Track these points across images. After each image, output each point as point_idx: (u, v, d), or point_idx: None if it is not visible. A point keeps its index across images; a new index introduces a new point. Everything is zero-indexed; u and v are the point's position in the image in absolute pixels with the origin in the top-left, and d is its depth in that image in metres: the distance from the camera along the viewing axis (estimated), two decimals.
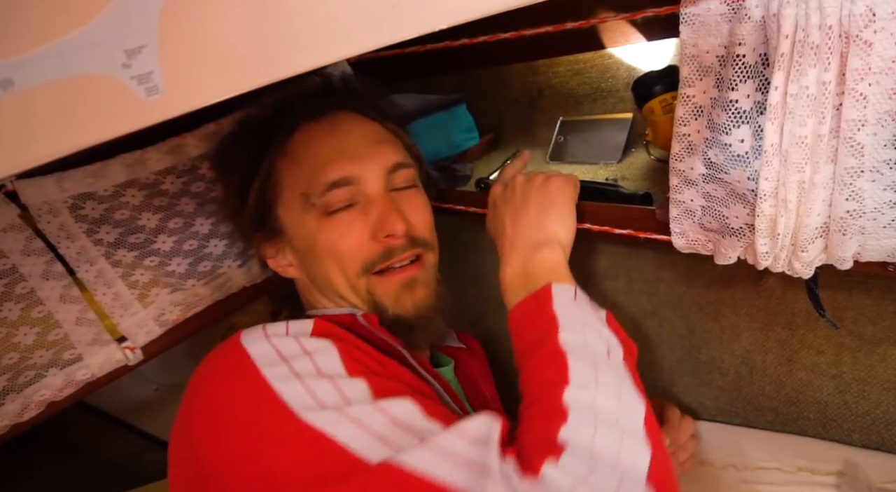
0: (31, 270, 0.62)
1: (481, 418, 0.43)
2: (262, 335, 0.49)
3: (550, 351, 0.46)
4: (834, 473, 0.69)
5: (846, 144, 0.42)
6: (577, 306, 0.51)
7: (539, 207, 0.58)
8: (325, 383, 0.45)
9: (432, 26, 0.34)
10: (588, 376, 0.44)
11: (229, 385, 0.46)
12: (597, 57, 0.80)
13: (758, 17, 0.40)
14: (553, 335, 0.47)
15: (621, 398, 0.43)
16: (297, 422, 0.42)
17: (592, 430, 0.40)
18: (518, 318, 0.53)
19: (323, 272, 0.61)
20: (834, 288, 0.63)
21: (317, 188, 0.59)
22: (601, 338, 0.49)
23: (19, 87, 0.24)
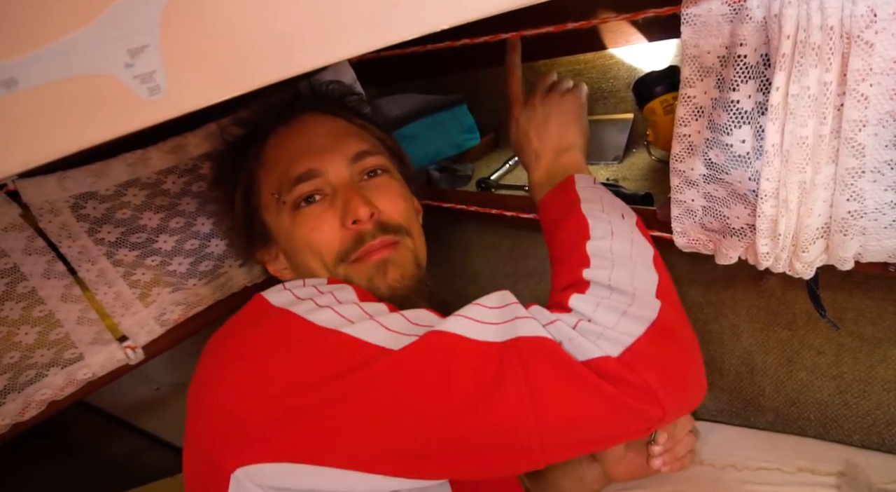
0: (33, 269, 0.62)
1: (493, 293, 0.49)
2: (280, 288, 0.52)
3: (574, 220, 0.54)
4: (834, 473, 0.69)
5: (847, 145, 0.42)
6: (596, 187, 0.59)
7: (559, 120, 0.64)
8: (350, 306, 0.48)
9: (434, 27, 0.34)
10: (605, 229, 0.52)
11: (259, 328, 0.48)
12: (598, 57, 0.80)
13: (759, 18, 0.40)
14: (577, 207, 0.55)
15: (633, 242, 0.52)
16: (336, 334, 0.45)
17: (610, 267, 0.48)
18: (545, 205, 0.61)
19: (306, 266, 0.62)
20: (834, 289, 0.63)
21: (285, 185, 0.61)
22: (615, 205, 0.56)
23: (22, 86, 0.24)
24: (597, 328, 0.44)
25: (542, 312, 0.46)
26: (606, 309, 0.45)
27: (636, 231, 0.54)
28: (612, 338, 0.43)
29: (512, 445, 0.41)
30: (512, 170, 0.88)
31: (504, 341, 0.43)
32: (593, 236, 0.52)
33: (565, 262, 0.52)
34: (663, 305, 0.46)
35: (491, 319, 0.45)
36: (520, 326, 0.44)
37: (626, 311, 0.45)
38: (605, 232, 0.52)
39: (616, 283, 0.47)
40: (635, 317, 0.45)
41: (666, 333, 0.45)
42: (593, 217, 0.54)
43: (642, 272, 0.49)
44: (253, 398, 0.44)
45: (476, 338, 0.43)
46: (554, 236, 0.57)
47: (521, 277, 0.96)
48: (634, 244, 0.52)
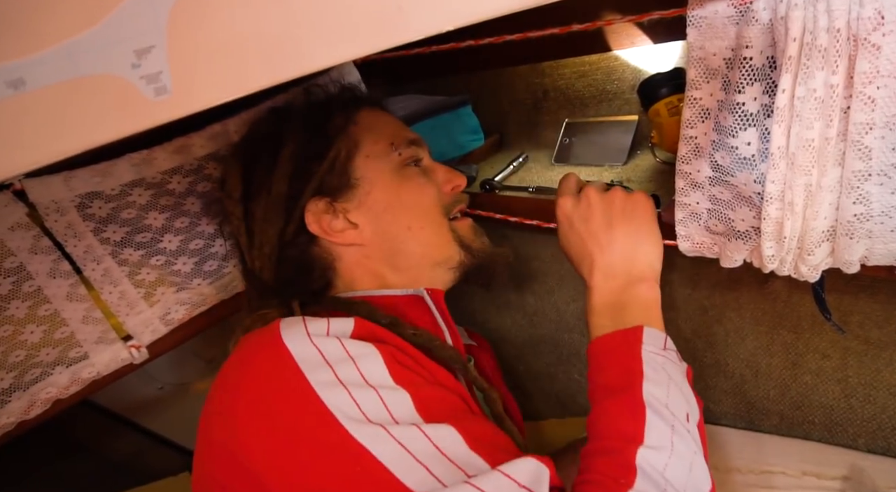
0: (39, 268, 0.62)
1: (529, 462, 0.42)
2: (303, 333, 0.48)
3: (632, 400, 0.46)
4: (839, 477, 0.68)
5: (854, 148, 0.41)
6: (666, 357, 0.50)
7: (627, 231, 0.56)
8: (371, 394, 0.45)
9: (438, 28, 0.34)
10: (664, 438, 0.44)
11: (273, 385, 0.46)
12: (603, 59, 0.80)
13: (765, 20, 0.40)
14: (637, 384, 0.47)
15: (692, 471, 0.43)
16: (342, 433, 0.42)
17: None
18: (602, 350, 0.52)
19: (407, 220, 0.62)
20: (840, 292, 0.63)
21: (400, 142, 0.65)
22: (683, 398, 0.48)
23: (30, 87, 0.24)
24: None
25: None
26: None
27: (699, 444, 0.46)
28: None
29: None
30: (516, 171, 0.88)
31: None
32: (648, 443, 0.43)
33: (607, 457, 0.44)
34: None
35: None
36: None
37: None
38: (663, 442, 0.44)
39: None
40: None
41: None
42: (654, 412, 0.45)
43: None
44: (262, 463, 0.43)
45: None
46: (601, 403, 0.49)
47: (526, 278, 0.96)
48: (692, 473, 0.44)
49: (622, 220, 0.56)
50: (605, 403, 0.48)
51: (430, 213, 0.64)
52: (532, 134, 0.94)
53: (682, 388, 0.49)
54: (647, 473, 0.41)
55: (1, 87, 0.24)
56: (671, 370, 0.49)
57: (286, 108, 0.68)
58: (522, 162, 0.89)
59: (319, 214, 0.61)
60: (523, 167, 0.89)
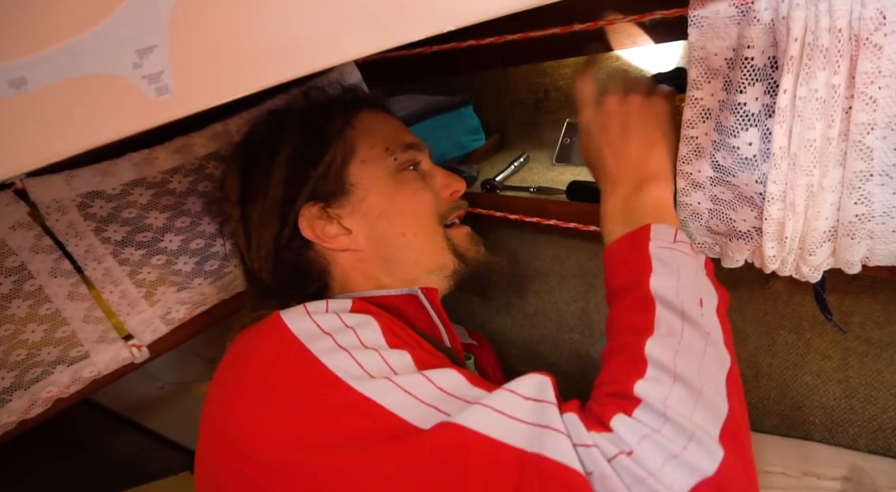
0: (40, 267, 0.62)
1: (531, 377, 0.43)
2: (302, 312, 0.50)
3: (639, 296, 0.46)
4: (840, 478, 0.68)
5: (855, 148, 0.41)
6: (676, 249, 0.49)
7: (642, 135, 0.54)
8: (371, 354, 0.46)
9: (440, 28, 0.34)
10: (674, 326, 0.43)
11: (275, 360, 0.46)
12: (604, 59, 0.80)
13: (767, 20, 0.40)
14: (645, 279, 0.46)
15: (705, 354, 0.42)
16: (349, 390, 0.42)
17: (668, 387, 0.40)
18: (612, 255, 0.52)
19: (402, 226, 0.62)
20: (841, 292, 0.63)
21: (396, 146, 0.64)
22: (695, 286, 0.47)
23: (32, 86, 0.25)
24: (636, 470, 0.36)
25: (577, 427, 0.39)
26: (653, 446, 0.37)
27: (714, 327, 0.45)
28: (652, 489, 0.35)
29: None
30: (517, 171, 0.88)
31: (528, 452, 0.37)
32: (657, 334, 0.43)
33: (617, 354, 0.44)
34: (727, 455, 0.37)
35: (521, 416, 0.40)
36: (547, 443, 0.38)
37: (678, 454, 0.36)
38: (672, 329, 0.43)
39: (673, 411, 0.38)
40: (687, 465, 0.36)
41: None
42: (663, 303, 0.45)
43: (709, 399, 0.40)
44: (265, 438, 0.43)
45: (499, 438, 0.38)
46: (613, 306, 0.49)
47: (526, 278, 0.96)
48: (706, 356, 0.42)
49: (637, 125, 0.54)
50: (617, 305, 0.49)
51: (424, 220, 0.63)
52: (533, 134, 0.94)
53: (695, 275, 0.48)
54: (656, 362, 0.41)
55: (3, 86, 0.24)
56: (682, 261, 0.48)
57: (284, 111, 0.67)
58: (523, 162, 0.89)
59: (313, 220, 0.61)
60: (524, 167, 0.89)
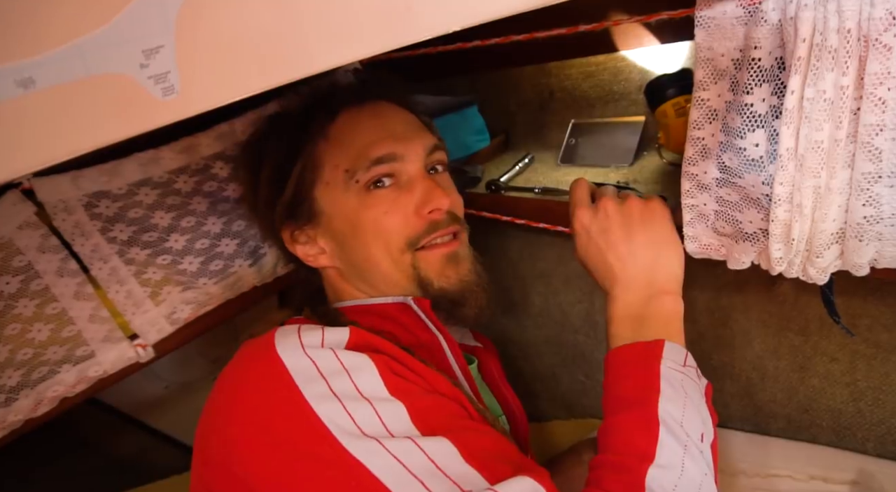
0: (46, 267, 0.63)
1: (525, 482, 0.42)
2: (297, 345, 0.48)
3: (646, 416, 0.46)
4: (847, 482, 0.68)
5: (863, 149, 0.41)
6: (685, 375, 0.49)
7: (647, 240, 0.54)
8: (365, 407, 0.45)
9: (446, 28, 0.34)
10: (676, 458, 0.44)
11: (268, 400, 0.46)
12: (609, 59, 0.80)
13: (774, 21, 0.40)
14: (653, 400, 0.46)
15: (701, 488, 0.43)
16: (337, 447, 0.42)
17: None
18: (619, 362, 0.52)
19: (365, 252, 0.60)
20: (849, 294, 0.63)
21: (362, 164, 0.60)
22: (699, 417, 0.47)
23: (40, 86, 0.25)
24: None
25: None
26: None
27: (710, 467, 0.46)
28: None
29: None
30: (522, 172, 0.88)
31: None
32: (658, 462, 0.43)
33: (616, 474, 0.44)
34: None
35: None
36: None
37: None
38: (674, 461, 0.44)
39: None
40: None
41: None
42: (668, 431, 0.45)
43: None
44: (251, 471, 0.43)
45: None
46: (615, 417, 0.48)
47: (531, 280, 0.96)
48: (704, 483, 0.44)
49: (641, 229, 0.54)
50: (619, 416, 0.48)
51: (388, 243, 0.60)
52: (538, 134, 0.94)
53: (699, 407, 0.48)
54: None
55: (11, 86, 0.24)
56: (689, 388, 0.48)
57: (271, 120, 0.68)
58: (528, 163, 0.89)
59: (293, 240, 0.64)
60: (529, 168, 0.89)
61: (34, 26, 0.25)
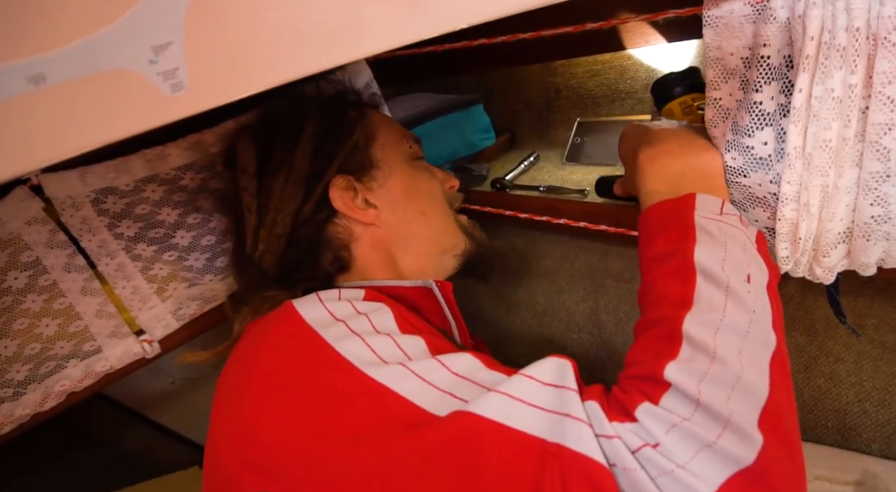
0: (54, 262, 0.63)
1: (550, 361, 0.41)
2: (314, 300, 0.50)
3: (680, 265, 0.42)
4: (852, 483, 0.67)
5: (872, 148, 0.41)
6: (723, 221, 0.45)
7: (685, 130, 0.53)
8: (384, 339, 0.45)
9: (453, 26, 0.34)
10: (716, 302, 0.39)
11: (287, 348, 0.46)
12: (616, 58, 0.80)
13: (783, 19, 0.40)
14: (688, 248, 0.43)
15: (748, 334, 0.38)
16: (362, 377, 0.42)
17: (703, 369, 0.36)
18: (651, 219, 0.48)
19: (421, 206, 0.65)
20: (855, 294, 0.62)
21: (408, 139, 0.69)
22: (743, 259, 0.43)
23: (50, 82, 0.25)
24: (663, 462, 0.33)
25: (599, 416, 0.36)
26: (683, 435, 0.34)
27: (763, 305, 0.41)
28: (681, 481, 0.32)
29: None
30: (527, 170, 0.88)
31: (548, 442, 0.35)
32: (696, 308, 0.39)
33: (652, 327, 0.41)
34: (767, 442, 0.33)
35: (540, 403, 0.37)
36: (569, 431, 0.35)
37: (712, 444, 0.33)
38: (714, 305, 0.39)
39: (706, 396, 0.35)
40: (721, 454, 0.32)
41: (760, 485, 0.32)
42: (705, 277, 0.41)
43: (749, 382, 0.36)
44: (276, 428, 0.42)
45: (517, 427, 0.36)
46: (649, 275, 0.45)
47: (535, 277, 0.96)
48: (750, 336, 0.38)
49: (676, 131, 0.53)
50: (652, 273, 0.45)
51: (439, 202, 0.67)
52: (543, 133, 0.93)
53: (745, 248, 0.44)
54: (693, 340, 0.37)
55: (22, 82, 0.24)
56: (729, 233, 0.44)
57: (300, 96, 0.68)
58: (533, 161, 0.89)
59: (343, 190, 0.61)
60: (534, 166, 0.89)
61: (45, 23, 0.25)
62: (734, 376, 0.36)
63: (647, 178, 0.50)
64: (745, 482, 0.32)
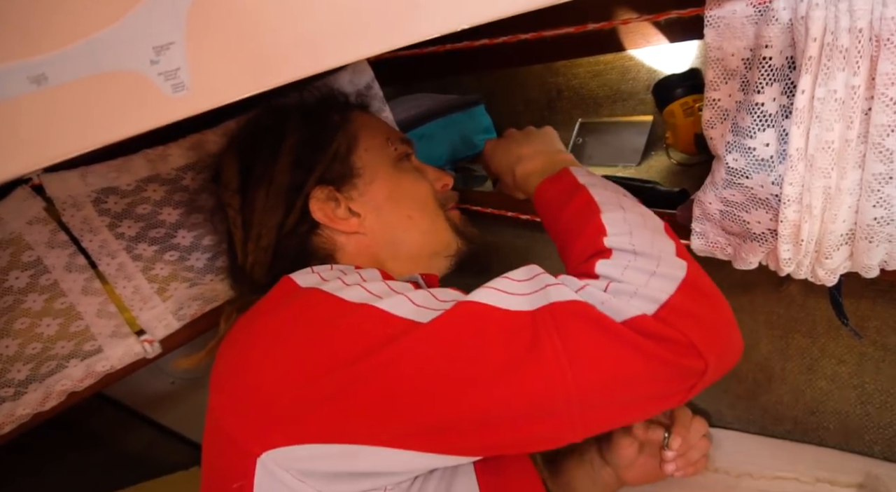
0: (55, 262, 0.63)
1: (520, 268, 0.48)
2: (308, 271, 0.53)
3: (580, 197, 0.53)
4: (854, 485, 0.67)
5: (874, 150, 0.41)
6: (593, 174, 0.57)
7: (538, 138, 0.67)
8: (377, 283, 0.49)
9: (455, 26, 0.34)
10: (614, 203, 0.51)
11: (286, 305, 0.48)
12: (617, 59, 0.80)
13: (785, 20, 0.40)
14: (581, 189, 0.54)
15: (644, 214, 0.52)
16: (362, 306, 0.45)
17: (629, 233, 0.48)
18: (544, 191, 0.59)
19: (407, 211, 0.65)
20: (857, 296, 0.62)
21: (394, 139, 0.69)
22: (617, 187, 0.55)
23: (52, 82, 0.25)
24: (629, 288, 0.43)
25: (571, 279, 0.45)
26: (635, 271, 0.44)
27: (643, 207, 0.54)
28: (645, 296, 0.42)
29: (549, 411, 0.40)
30: None
31: (536, 309, 0.42)
32: (605, 210, 0.51)
33: (580, 235, 0.51)
34: (689, 265, 0.46)
35: (520, 290, 0.45)
36: (551, 293, 0.43)
37: (655, 271, 0.44)
38: (615, 205, 0.51)
39: (639, 247, 0.46)
40: (665, 276, 0.44)
41: (697, 289, 0.45)
42: (600, 194, 0.53)
43: (660, 238, 0.49)
44: (282, 381, 0.43)
45: (507, 307, 0.43)
46: (559, 218, 0.55)
47: None
48: (646, 216, 0.51)
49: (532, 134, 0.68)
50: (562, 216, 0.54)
51: (427, 203, 0.67)
52: None
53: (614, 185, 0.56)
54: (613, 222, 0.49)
55: (24, 82, 0.24)
56: (599, 178, 0.57)
57: (282, 106, 0.68)
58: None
59: (323, 202, 0.61)
60: None
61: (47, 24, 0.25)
62: (649, 235, 0.48)
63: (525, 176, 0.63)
64: (686, 289, 0.44)
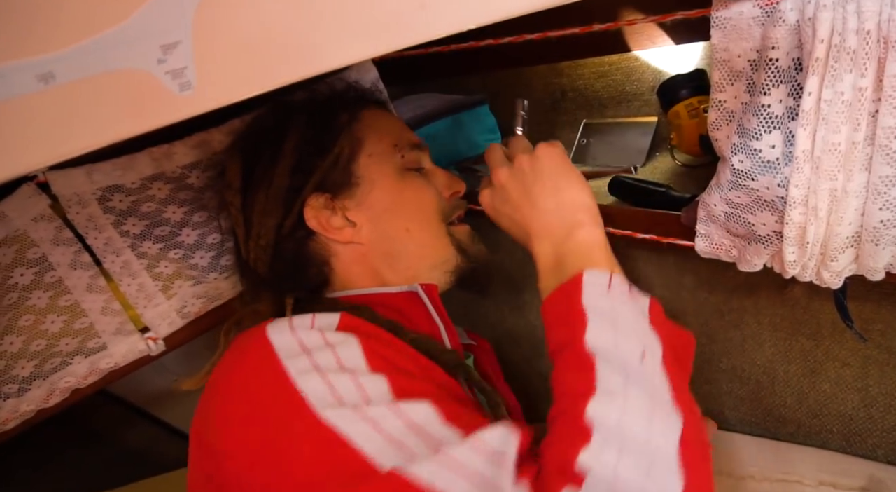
0: (60, 259, 0.63)
1: (499, 430, 0.41)
2: (286, 327, 0.49)
3: (576, 354, 0.43)
4: (857, 488, 0.67)
5: (881, 152, 0.40)
6: (612, 298, 0.46)
7: (544, 188, 0.54)
8: (346, 379, 0.44)
9: (460, 27, 0.34)
10: (616, 384, 0.40)
11: (251, 376, 0.47)
12: (622, 59, 0.80)
13: (792, 21, 0.40)
14: (580, 335, 0.44)
15: (654, 415, 0.39)
16: (313, 418, 0.42)
17: (616, 455, 0.37)
18: (547, 312, 0.50)
19: (405, 223, 0.63)
20: (862, 299, 0.62)
21: (403, 145, 0.66)
22: (636, 336, 0.44)
23: (60, 80, 0.25)
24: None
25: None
26: None
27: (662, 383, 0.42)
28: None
29: None
30: None
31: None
32: (599, 393, 0.40)
33: (560, 419, 0.42)
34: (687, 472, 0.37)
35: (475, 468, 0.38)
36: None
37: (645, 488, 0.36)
38: (615, 388, 0.40)
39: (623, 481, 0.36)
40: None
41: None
42: (602, 359, 0.42)
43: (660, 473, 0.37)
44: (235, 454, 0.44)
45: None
46: (554, 366, 0.47)
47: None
48: (654, 417, 0.39)
49: (535, 180, 0.55)
50: (556, 365, 0.46)
51: (429, 216, 0.64)
52: (549, 134, 0.93)
53: (635, 327, 0.45)
54: (600, 428, 0.38)
55: (31, 80, 0.24)
56: (620, 310, 0.45)
57: (289, 104, 0.67)
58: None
59: (318, 210, 0.61)
60: None
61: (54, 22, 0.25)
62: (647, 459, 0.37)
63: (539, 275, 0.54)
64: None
